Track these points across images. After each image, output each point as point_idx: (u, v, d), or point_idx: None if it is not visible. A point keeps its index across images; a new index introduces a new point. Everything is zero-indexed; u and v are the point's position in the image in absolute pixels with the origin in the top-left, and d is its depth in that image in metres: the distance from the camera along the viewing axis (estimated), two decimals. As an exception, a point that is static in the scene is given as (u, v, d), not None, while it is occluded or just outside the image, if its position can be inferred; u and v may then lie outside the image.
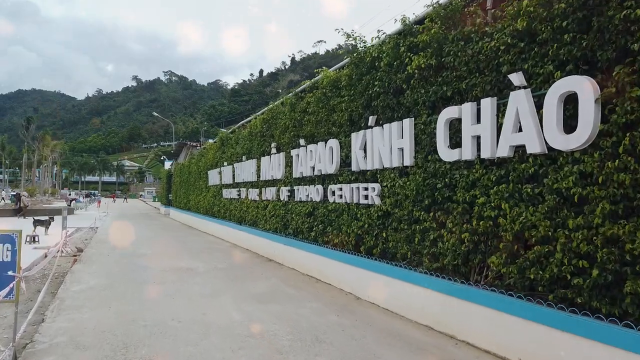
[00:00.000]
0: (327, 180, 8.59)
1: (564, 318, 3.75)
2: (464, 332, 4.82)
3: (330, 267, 7.92)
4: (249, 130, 13.90)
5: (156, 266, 9.75)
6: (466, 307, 4.76)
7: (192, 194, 23.40)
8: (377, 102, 6.77)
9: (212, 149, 19.17)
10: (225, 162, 16.50)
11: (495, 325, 4.42)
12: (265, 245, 11.54)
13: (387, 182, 6.43)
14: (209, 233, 18.19)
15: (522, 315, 4.12)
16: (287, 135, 10.56)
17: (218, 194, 17.68)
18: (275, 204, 11.19)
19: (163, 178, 38.21)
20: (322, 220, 8.49)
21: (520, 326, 4.14)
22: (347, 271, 7.30)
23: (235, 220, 14.96)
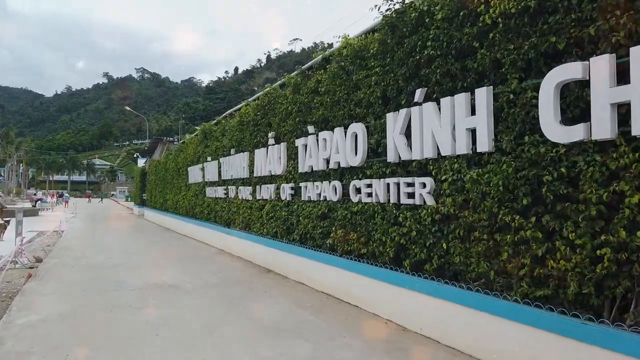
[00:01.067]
0: (347, 175, 6.93)
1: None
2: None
3: (358, 285, 6.26)
4: (238, 120, 12.10)
5: (133, 282, 7.91)
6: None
7: (169, 193, 21.37)
8: (429, 70, 5.15)
9: (193, 144, 17.24)
10: (209, 157, 14.65)
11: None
12: (262, 252, 9.81)
13: (447, 176, 4.81)
14: (191, 236, 16.28)
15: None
16: (290, 122, 8.86)
17: (200, 192, 15.79)
18: (274, 204, 9.46)
19: (136, 176, 35.78)
20: (343, 224, 6.83)
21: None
22: (386, 291, 5.66)
23: (222, 222, 13.15)
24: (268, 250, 9.43)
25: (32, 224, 22.12)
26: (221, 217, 13.21)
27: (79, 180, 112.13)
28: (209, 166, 14.60)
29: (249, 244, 10.60)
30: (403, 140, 5.54)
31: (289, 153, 9.03)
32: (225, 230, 12.52)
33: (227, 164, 12.76)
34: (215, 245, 13.36)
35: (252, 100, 11.79)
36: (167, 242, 14.75)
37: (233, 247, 11.84)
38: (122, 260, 10.45)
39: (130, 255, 11.50)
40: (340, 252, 6.92)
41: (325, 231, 7.36)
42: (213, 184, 14.31)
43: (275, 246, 9.10)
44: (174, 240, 15.40)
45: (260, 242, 9.95)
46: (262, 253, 9.78)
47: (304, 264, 7.86)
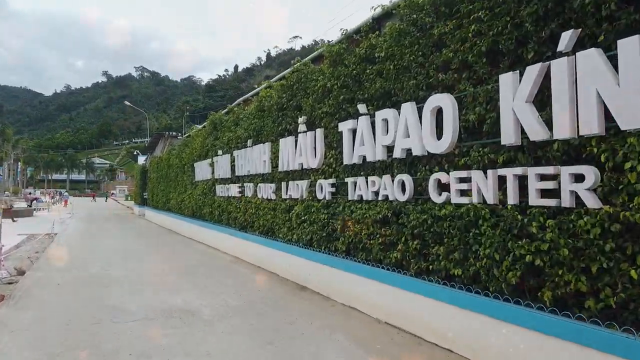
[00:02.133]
0: (422, 167, 5.15)
1: None
2: None
3: (461, 324, 4.44)
4: (256, 105, 10.30)
5: (134, 307, 6.12)
6: None
7: (173, 192, 19.58)
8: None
9: (200, 136, 15.45)
10: (220, 150, 12.87)
11: None
12: (292, 264, 8.01)
13: (634, 162, 3.02)
14: (198, 240, 14.49)
15: None
16: (329, 102, 7.07)
17: (209, 191, 14.00)
18: (308, 205, 7.67)
19: (137, 174, 33.98)
20: (420, 232, 5.03)
21: None
22: (516, 339, 3.84)
23: (236, 225, 11.36)
24: (301, 262, 7.63)
25: (24, 226, 20.36)
26: (235, 220, 11.42)
27: (78, 179, 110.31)
28: (219, 161, 12.82)
29: (273, 253, 8.80)
30: (532, 113, 3.74)
31: (327, 141, 7.23)
32: (241, 235, 10.72)
33: (242, 158, 10.97)
34: (228, 252, 11.57)
35: (276, 80, 9.98)
36: (171, 248, 12.95)
37: (251, 254, 10.05)
38: (121, 272, 8.66)
39: (130, 264, 9.71)
40: (413, 271, 5.13)
41: (388, 241, 5.57)
42: (225, 181, 12.52)
43: (312, 257, 7.30)
44: (179, 245, 13.60)
45: (289, 251, 8.15)
46: (293, 265, 7.98)
47: (357, 283, 6.06)
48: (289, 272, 8.17)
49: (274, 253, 8.75)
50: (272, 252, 8.84)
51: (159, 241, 14.78)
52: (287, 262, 8.19)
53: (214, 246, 12.76)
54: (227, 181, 12.34)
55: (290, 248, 8.10)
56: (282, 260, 8.38)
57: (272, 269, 8.89)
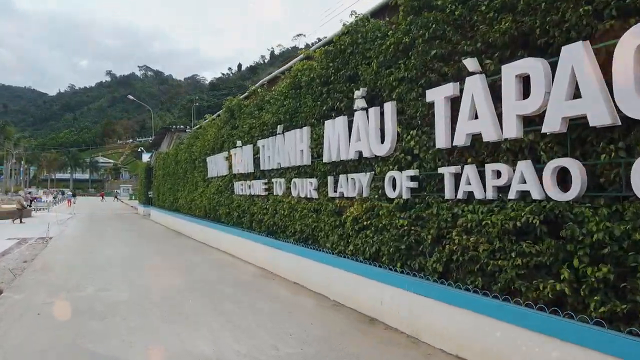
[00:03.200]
0: (603, 144, 3.18)
1: None
2: None
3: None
4: (290, 83, 8.33)
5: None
6: None
7: (181, 190, 17.66)
8: None
9: (214, 127, 13.51)
10: (239, 141, 10.93)
11: None
12: (349, 285, 6.04)
13: None
14: (213, 246, 12.56)
15: None
16: (407, 65, 5.13)
17: (226, 189, 12.07)
18: (372, 206, 5.71)
19: (141, 172, 32.12)
20: (611, 254, 3.05)
21: None
22: None
23: (262, 229, 9.42)
24: (365, 282, 5.65)
25: (18, 228, 18.51)
26: (261, 223, 9.47)
27: (82, 179, 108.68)
28: (238, 153, 10.88)
29: (318, 268, 6.83)
30: None
31: (404, 118, 5.27)
32: (270, 242, 8.77)
33: (269, 148, 9.03)
34: (251, 262, 9.62)
35: (319, 47, 8.02)
36: (183, 256, 11.01)
37: (285, 267, 8.10)
38: (122, 295, 6.71)
39: (135, 282, 7.77)
40: (598, 316, 3.15)
41: (535, 263, 3.58)
42: (246, 177, 10.58)
43: (385, 278, 5.31)
44: (191, 252, 11.66)
45: (344, 266, 6.18)
46: (351, 286, 6.00)
47: (475, 323, 4.07)
48: (344, 295, 6.20)
49: (320, 268, 6.79)
50: (317, 266, 6.88)
51: (167, 247, 12.85)
52: (341, 281, 6.21)
53: (233, 253, 10.82)
54: (249, 177, 10.40)
55: (346, 263, 6.13)
56: (334, 279, 6.41)
57: (316, 288, 6.92)
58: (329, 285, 6.59)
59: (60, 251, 11.59)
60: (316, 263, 6.88)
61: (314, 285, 7.00)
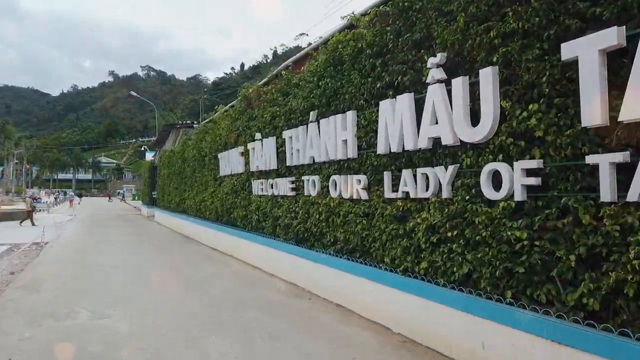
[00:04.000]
0: None
1: None
2: None
3: None
4: (327, 59, 6.86)
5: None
6: None
7: (188, 190, 16.21)
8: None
9: (227, 119, 12.06)
10: (258, 133, 9.49)
11: None
12: (428, 316, 4.55)
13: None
14: (227, 253, 11.11)
15: None
16: (536, 6, 3.64)
17: (242, 188, 10.62)
18: (460, 211, 4.24)
19: (144, 172, 30.71)
20: None
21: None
22: None
23: (290, 236, 7.94)
24: (460, 317, 4.16)
25: (12, 232, 17.03)
26: (287, 228, 8.00)
27: (85, 179, 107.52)
28: (258, 148, 9.44)
29: (379, 291, 5.33)
30: None
31: (514, 89, 3.79)
32: (303, 253, 7.29)
33: (299, 140, 7.58)
34: (278, 275, 8.16)
35: (371, 7, 6.52)
36: (196, 267, 9.55)
37: (324, 285, 6.62)
38: (123, 326, 5.23)
39: (140, 305, 6.30)
40: None
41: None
42: (267, 174, 9.13)
43: (494, 314, 3.81)
44: (204, 262, 10.21)
45: (425, 293, 4.69)
46: (447, 321, 4.50)
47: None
48: (419, 329, 4.69)
49: (377, 290, 5.30)
50: (372, 288, 5.39)
51: (175, 256, 11.38)
52: (413, 309, 4.72)
53: (254, 264, 9.35)
54: (271, 174, 8.94)
55: (424, 288, 4.64)
56: (401, 306, 4.92)
57: (372, 314, 5.43)
58: (392, 313, 5.09)
59: (54, 260, 10.14)
60: (372, 283, 5.40)
61: (369, 311, 5.51)
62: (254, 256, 9.44)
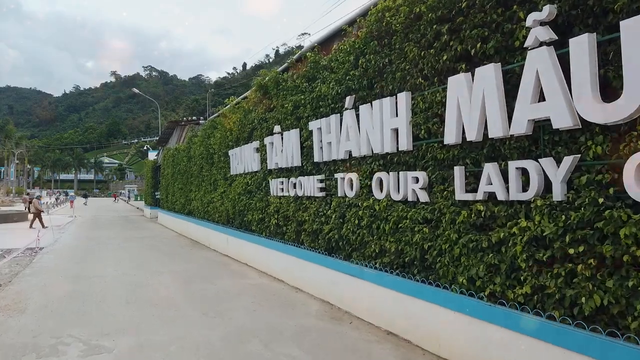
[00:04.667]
0: None
1: None
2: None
3: None
4: (366, 33, 5.69)
5: None
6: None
7: (195, 191, 15.08)
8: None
9: (239, 112, 10.92)
10: (277, 126, 8.35)
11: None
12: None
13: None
14: (242, 261, 9.96)
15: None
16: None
17: (257, 188, 9.48)
18: (596, 216, 3.05)
19: (147, 171, 29.57)
20: None
21: None
22: None
23: (318, 244, 6.77)
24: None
25: (9, 235, 15.91)
26: (316, 235, 6.84)
27: (87, 179, 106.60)
28: (277, 142, 8.29)
29: (462, 322, 4.17)
30: None
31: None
32: (342, 266, 6.12)
33: (331, 131, 6.42)
34: (306, 290, 6.99)
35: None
36: (207, 279, 8.39)
37: (370, 307, 5.45)
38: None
39: (147, 336, 5.13)
40: None
41: None
42: (289, 172, 7.99)
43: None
44: (219, 273, 9.05)
45: (549, 335, 3.52)
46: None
47: None
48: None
49: (459, 321, 4.13)
50: (451, 317, 4.22)
51: (184, 265, 10.21)
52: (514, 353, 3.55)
53: (274, 275, 8.21)
54: (294, 172, 7.79)
55: (539, 325, 3.48)
56: (494, 345, 3.75)
57: (452, 354, 4.25)
58: (480, 353, 3.91)
59: (47, 270, 8.99)
60: (444, 310, 4.22)
61: (438, 345, 4.33)
62: (275, 266, 8.28)
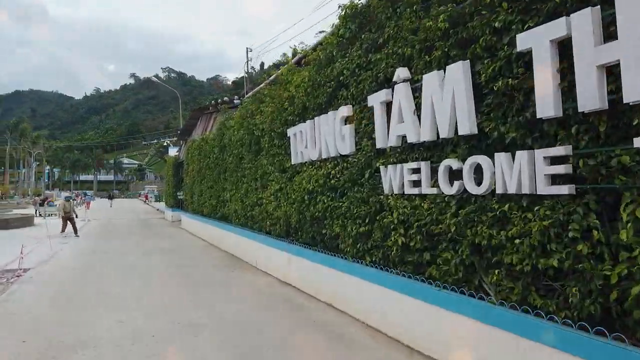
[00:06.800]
0: None
1: None
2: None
3: None
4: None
5: None
6: None
7: (230, 190, 11.50)
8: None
9: (310, 68, 7.20)
10: (401, 68, 4.57)
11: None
12: None
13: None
14: (313, 294, 6.26)
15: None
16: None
17: (353, 183, 5.75)
18: None
19: (168, 169, 26.18)
20: None
21: None
22: None
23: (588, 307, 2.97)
24: None
25: (15, 241, 12.39)
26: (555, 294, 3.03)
27: (106, 180, 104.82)
28: (402, 97, 4.63)
29: None
30: None
31: None
32: None
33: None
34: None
35: None
36: (283, 348, 4.68)
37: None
38: None
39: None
40: None
41: None
42: (428, 151, 4.29)
43: None
44: (295, 331, 5.33)
45: None
46: None
47: None
48: None
49: None
50: None
51: (228, 305, 6.55)
52: None
53: (422, 346, 4.42)
54: (446, 149, 4.05)
55: None
56: None
57: None
58: None
59: (13, 324, 5.41)
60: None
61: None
62: (419, 328, 4.46)
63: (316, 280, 6.53)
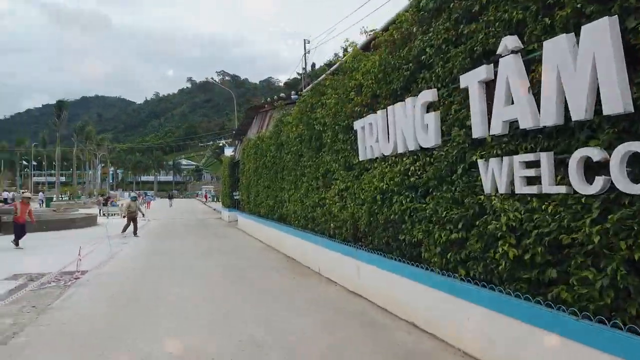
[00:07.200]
0: None
1: None
2: None
3: None
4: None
5: None
6: None
7: (289, 189, 10.88)
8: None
9: (382, 51, 6.38)
10: (510, 35, 3.59)
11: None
12: None
13: None
14: (389, 309, 5.40)
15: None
16: None
17: (439, 181, 4.85)
18: None
19: (224, 169, 26.19)
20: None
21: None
22: None
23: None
24: None
25: (54, 248, 12.54)
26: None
27: (166, 181, 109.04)
28: (512, 73, 3.55)
29: None
30: None
31: None
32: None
33: None
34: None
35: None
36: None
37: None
38: None
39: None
40: None
41: None
42: (553, 139, 3.23)
43: None
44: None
45: None
46: None
47: None
48: None
49: None
50: None
51: (295, 320, 5.86)
52: None
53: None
54: (579, 136, 3.03)
55: None
56: None
57: None
58: None
59: (51, 336, 4.98)
60: None
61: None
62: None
63: (398, 295, 5.66)
